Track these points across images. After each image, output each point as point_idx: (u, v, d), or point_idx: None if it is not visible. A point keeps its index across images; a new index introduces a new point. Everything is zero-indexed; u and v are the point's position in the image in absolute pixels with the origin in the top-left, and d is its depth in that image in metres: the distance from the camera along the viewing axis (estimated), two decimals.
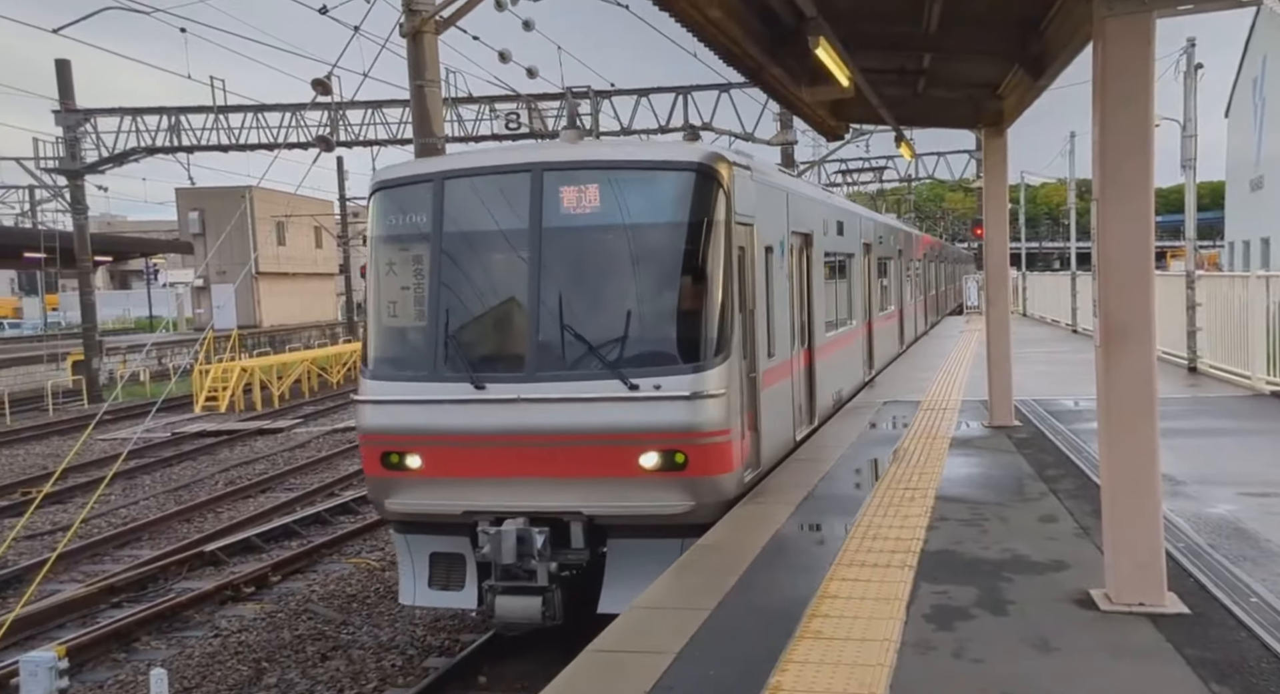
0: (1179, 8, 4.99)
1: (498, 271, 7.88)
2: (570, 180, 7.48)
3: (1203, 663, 4.50)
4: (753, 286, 8.11)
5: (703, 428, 7.14)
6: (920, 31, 8.34)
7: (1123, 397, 5.23)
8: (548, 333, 7.47)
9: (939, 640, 4.91)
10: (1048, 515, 7.32)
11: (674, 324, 7.47)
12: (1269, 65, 30.79)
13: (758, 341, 8.21)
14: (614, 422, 7.16)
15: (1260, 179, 31.55)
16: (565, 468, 7.26)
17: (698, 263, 7.39)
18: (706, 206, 7.42)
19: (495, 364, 7.66)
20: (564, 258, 7.53)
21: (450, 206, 7.74)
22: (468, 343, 7.69)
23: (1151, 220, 5.19)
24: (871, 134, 31.76)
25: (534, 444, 7.29)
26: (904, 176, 44.37)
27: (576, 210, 7.44)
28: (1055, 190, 71.09)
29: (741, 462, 7.66)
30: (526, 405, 7.30)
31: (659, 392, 7.11)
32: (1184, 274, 16.22)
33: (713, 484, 7.28)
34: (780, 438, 9.19)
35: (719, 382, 7.21)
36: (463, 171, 7.88)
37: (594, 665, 4.74)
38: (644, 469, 7.16)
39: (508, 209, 7.63)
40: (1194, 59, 16.56)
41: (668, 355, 7.33)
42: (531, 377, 7.35)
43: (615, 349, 7.32)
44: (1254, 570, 5.84)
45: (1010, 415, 11.51)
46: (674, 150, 8.12)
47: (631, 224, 7.45)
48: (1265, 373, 13.53)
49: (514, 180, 7.63)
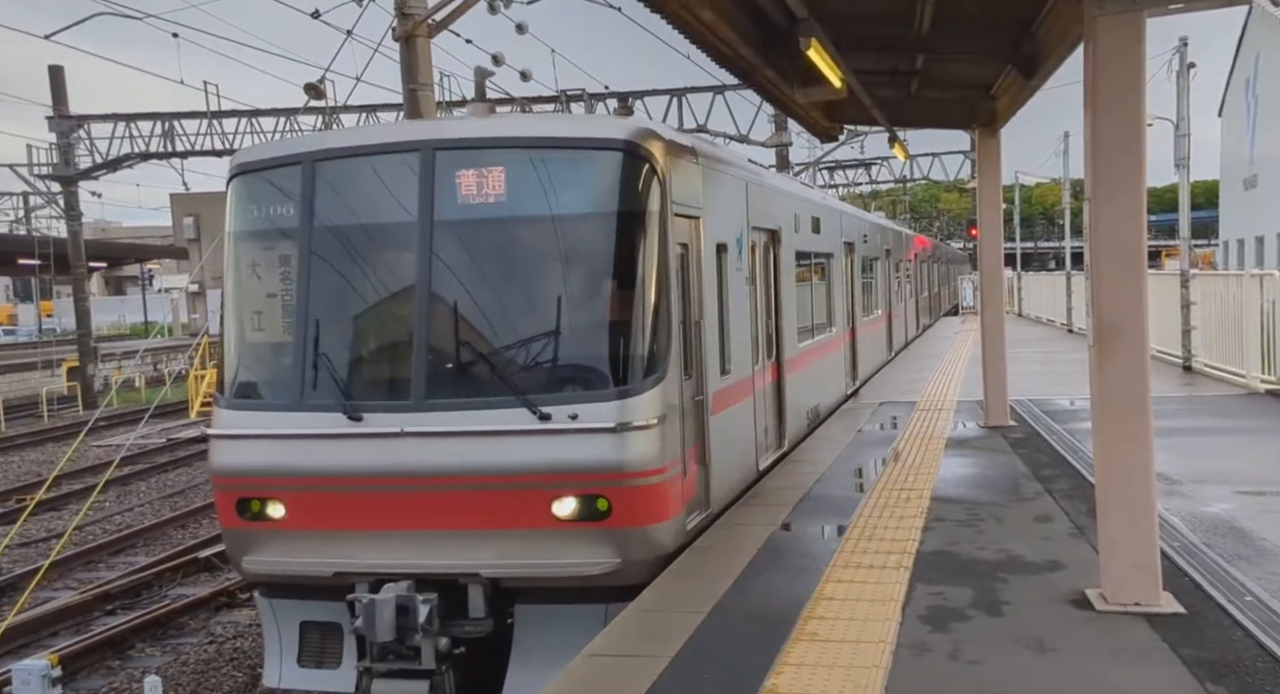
0: (1169, 7, 4.99)
1: (380, 275, 6.53)
2: (469, 162, 6.21)
3: (1198, 663, 4.49)
4: (699, 292, 6.94)
5: (631, 466, 5.90)
6: (912, 32, 8.35)
7: (1116, 396, 5.23)
8: (440, 351, 6.24)
9: (934, 642, 4.89)
10: (1043, 515, 7.32)
11: (595, 339, 6.24)
12: (1262, 64, 30.88)
13: (706, 357, 7.03)
14: (521, 460, 5.93)
15: (1254, 178, 31.64)
16: (461, 518, 6.02)
17: (625, 263, 6.17)
18: (636, 194, 6.18)
19: (375, 390, 6.39)
20: (461, 257, 6.31)
21: (323, 195, 6.45)
22: (341, 363, 6.38)
23: (1143, 219, 5.19)
24: (866, 135, 31.80)
25: (422, 488, 6.03)
26: (899, 177, 44.43)
27: (477, 199, 6.19)
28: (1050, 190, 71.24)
29: (682, 506, 6.42)
30: (413, 441, 6.02)
31: (576, 423, 5.87)
32: (1178, 273, 16.25)
33: (644, 536, 6.00)
34: (738, 470, 7.97)
35: (651, 408, 5.98)
36: (337, 152, 6.51)
37: (589, 670, 4.72)
38: (559, 519, 5.93)
39: (393, 198, 6.35)
40: (1186, 58, 16.60)
41: (588, 378, 6.13)
42: (419, 405, 6.07)
43: (523, 370, 6.15)
44: (1249, 569, 5.84)
45: (1006, 415, 11.51)
46: (597, 125, 6.81)
47: (544, 216, 6.21)
48: (1260, 371, 13.55)
49: (400, 162, 6.34)
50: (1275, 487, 8.12)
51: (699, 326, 6.91)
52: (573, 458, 5.89)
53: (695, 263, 6.95)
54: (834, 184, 39.97)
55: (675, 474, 6.28)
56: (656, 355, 6.13)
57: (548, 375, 6.15)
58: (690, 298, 6.81)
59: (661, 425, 6.05)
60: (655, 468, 6.01)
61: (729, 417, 7.61)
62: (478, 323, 6.29)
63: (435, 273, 6.21)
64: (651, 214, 6.21)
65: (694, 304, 6.87)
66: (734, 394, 7.78)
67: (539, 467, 5.91)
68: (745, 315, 8.29)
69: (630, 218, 6.20)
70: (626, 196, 6.22)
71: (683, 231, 6.71)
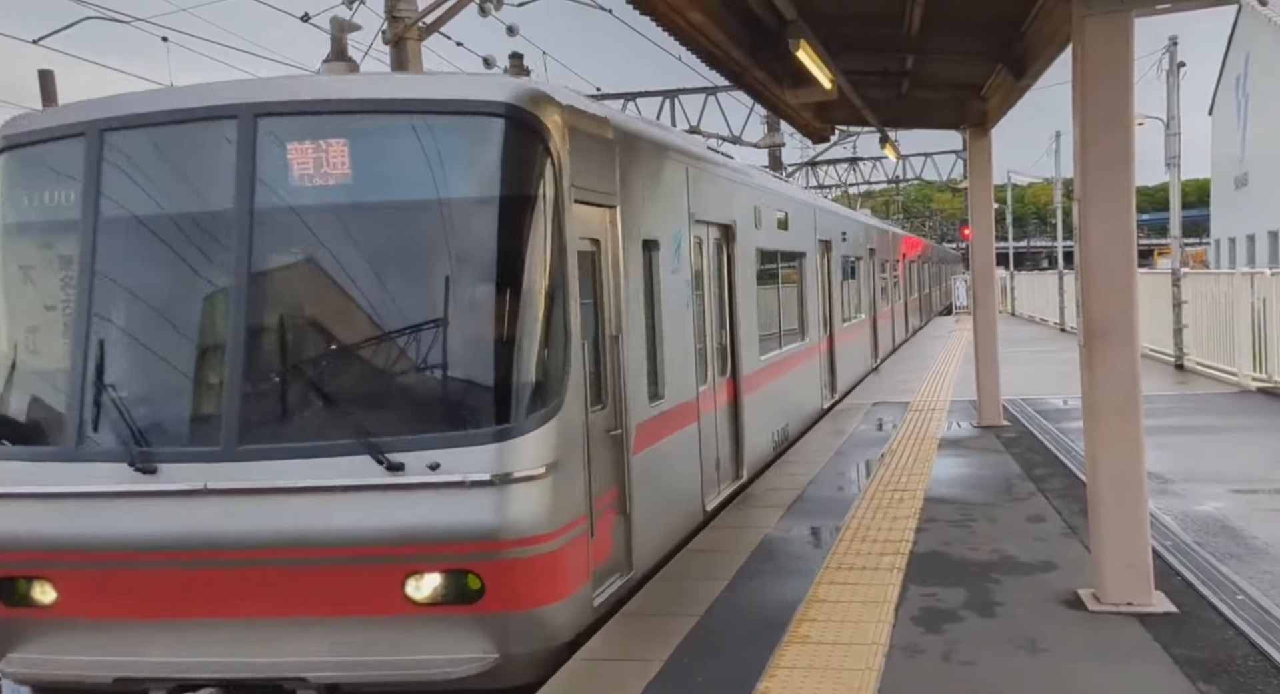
0: (1157, 7, 5.00)
1: (183, 281, 4.96)
2: (302, 132, 4.77)
3: (1190, 662, 4.49)
4: (616, 299, 5.62)
5: (512, 531, 4.46)
6: (902, 33, 8.36)
7: (1107, 395, 5.23)
8: (259, 381, 4.79)
9: (927, 643, 4.89)
10: (1036, 515, 7.32)
11: (465, 363, 4.81)
12: (1252, 63, 31.01)
13: (627, 380, 5.67)
14: (365, 525, 4.49)
15: (1245, 176, 31.77)
16: (285, 602, 4.59)
17: (505, 264, 4.75)
18: (518, 174, 4.77)
19: (173, 432, 4.81)
20: (289, 258, 4.96)
21: (112, 176, 4.93)
22: (130, 397, 4.84)
23: (1133, 218, 5.20)
24: (858, 136, 31.85)
25: (233, 563, 4.56)
26: (892, 178, 44.49)
27: (312, 181, 4.75)
28: (1043, 189, 71.50)
29: (587, 576, 5.00)
30: (221, 500, 4.57)
31: (438, 474, 4.46)
32: (1170, 271, 16.30)
33: (530, 622, 4.60)
34: (674, 515, 6.59)
35: (540, 452, 4.58)
36: (133, 120, 4.98)
37: (581, 674, 4.70)
38: (415, 602, 4.54)
39: (203, 180, 4.89)
40: (1176, 57, 16.66)
41: (455, 414, 4.71)
42: (230, 453, 4.60)
43: (368, 406, 4.75)
44: (1241, 568, 5.85)
45: (999, 415, 11.53)
46: (472, 86, 4.95)
47: (399, 203, 4.78)
48: (1251, 369, 13.59)
49: (213, 133, 4.85)
50: (1267, 485, 8.14)
51: (616, 342, 5.57)
52: (434, 521, 4.45)
53: (610, 263, 5.59)
54: (824, 185, 39.98)
55: (577, 535, 4.85)
56: (548, 382, 4.71)
57: (402, 412, 4.77)
58: (603, 307, 5.50)
59: (555, 474, 4.64)
60: (546, 531, 4.56)
61: (661, 452, 6.31)
62: (310, 344, 4.93)
63: (255, 278, 4.77)
64: (541, 200, 4.77)
65: (609, 314, 5.54)
66: (669, 423, 6.50)
67: (389, 533, 4.46)
68: (686, 326, 7.01)
69: (511, 205, 4.76)
70: (507, 177, 4.76)
71: (590, 223, 5.35)
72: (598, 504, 5.17)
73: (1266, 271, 14.09)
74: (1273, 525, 6.76)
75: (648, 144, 6.58)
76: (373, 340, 4.87)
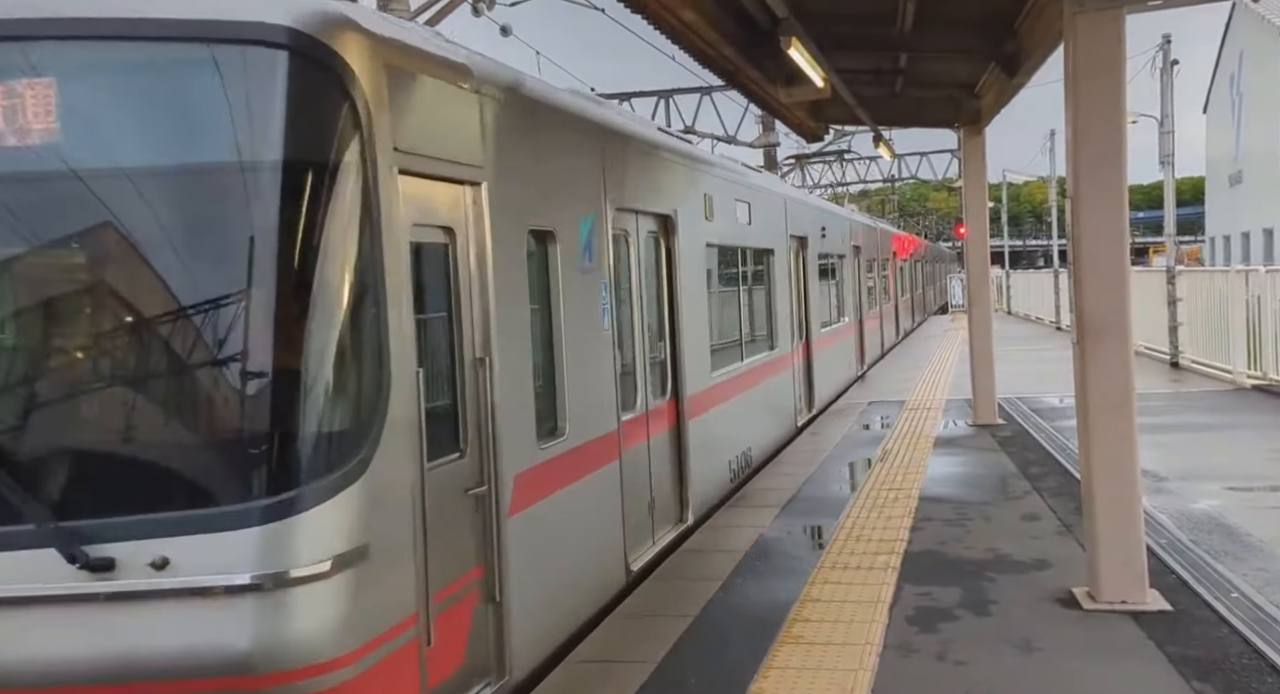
0: (1149, 4, 5.00)
1: None
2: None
3: (1184, 660, 4.48)
4: (484, 309, 4.24)
5: (284, 660, 3.07)
6: (895, 31, 8.36)
7: (1101, 393, 5.22)
8: None
9: (921, 643, 4.87)
10: (1030, 514, 7.31)
11: (214, 406, 3.36)
12: (1246, 60, 31.06)
13: (501, 418, 4.27)
14: (59, 652, 3.07)
15: (1239, 174, 31.84)
16: None
17: (272, 259, 3.26)
18: (301, 129, 3.31)
19: None
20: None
21: None
22: None
23: (1125, 215, 5.19)
24: (853, 135, 31.87)
25: None
26: (887, 177, 44.52)
27: (5, 140, 3.29)
28: (1038, 188, 71.63)
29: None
30: None
31: (166, 576, 3.05)
32: (1165, 269, 16.32)
33: None
34: (579, 588, 5.19)
35: (331, 535, 3.18)
36: None
37: (575, 676, 4.68)
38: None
39: None
40: (1169, 55, 16.68)
41: (194, 483, 3.24)
42: None
43: (68, 472, 3.23)
44: (1235, 565, 5.84)
45: (994, 414, 11.52)
46: (241, 5, 3.41)
47: (130, 170, 3.28)
48: (1246, 367, 13.61)
49: None
50: (1262, 482, 8.14)
51: (482, 367, 4.20)
52: (162, 648, 3.04)
53: (474, 261, 4.22)
54: (819, 184, 39.97)
55: (398, 649, 3.44)
56: (348, 428, 3.30)
57: (116, 480, 3.24)
58: (461, 320, 4.12)
59: (358, 566, 3.22)
60: (340, 654, 3.15)
61: (559, 506, 4.90)
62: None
63: None
64: (336, 168, 3.35)
65: (470, 330, 4.18)
66: (572, 467, 5.13)
67: (95, 667, 3.05)
68: (600, 340, 5.67)
69: (288, 174, 3.29)
70: (280, 133, 3.27)
71: (435, 205, 3.97)
72: (442, 596, 3.75)
73: (1261, 269, 14.11)
74: (1268, 523, 6.76)
75: (539, 106, 5.08)
76: (76, 370, 3.38)
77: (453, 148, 4.11)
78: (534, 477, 4.62)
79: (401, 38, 3.87)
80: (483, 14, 13.73)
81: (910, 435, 10.87)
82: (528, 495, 4.53)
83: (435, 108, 4.02)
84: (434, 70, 4.01)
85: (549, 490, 4.81)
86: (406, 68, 3.78)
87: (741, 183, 9.51)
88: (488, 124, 4.38)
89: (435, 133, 3.98)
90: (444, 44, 4.38)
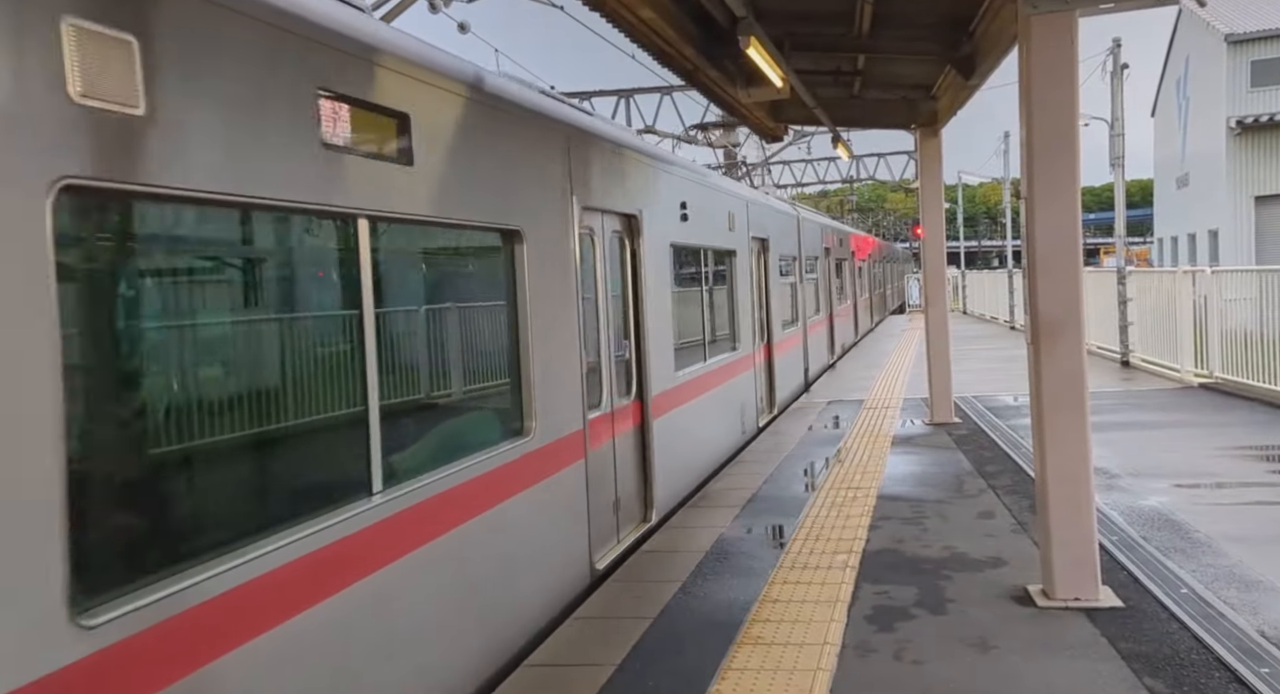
0: (1100, 6, 5.05)
1: None
2: None
3: (1136, 656, 4.53)
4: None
5: None
6: (853, 33, 8.39)
7: (1054, 392, 5.27)
8: None
9: (879, 642, 4.88)
10: (986, 511, 7.38)
11: None
12: (1191, 66, 31.78)
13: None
14: None
15: (1186, 177, 32.56)
16: None
17: None
18: None
19: None
20: None
21: None
22: None
23: (1078, 216, 5.25)
24: (812, 136, 32.07)
25: None
26: (845, 178, 44.92)
27: None
28: (993, 189, 72.73)
29: None
30: None
31: None
32: (1115, 270, 16.63)
33: None
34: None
35: None
36: None
37: (531, 679, 4.62)
38: None
39: None
40: (1120, 59, 16.99)
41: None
42: None
43: None
44: (1184, 562, 5.94)
45: (950, 412, 11.64)
46: None
47: None
48: (1193, 366, 13.91)
49: None
50: (1208, 479, 8.31)
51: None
52: None
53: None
54: (780, 184, 40.17)
55: None
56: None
57: None
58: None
59: None
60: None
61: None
62: None
63: None
64: None
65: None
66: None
67: None
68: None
69: None
70: None
71: None
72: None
73: (1207, 270, 14.43)
74: (1213, 519, 6.89)
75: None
76: None
77: None
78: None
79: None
80: (439, 10, 13.57)
81: (869, 434, 10.95)
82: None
83: None
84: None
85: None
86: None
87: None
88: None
89: None
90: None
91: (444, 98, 4.42)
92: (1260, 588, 5.43)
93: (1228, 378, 13.12)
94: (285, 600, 3.21)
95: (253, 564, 3.07)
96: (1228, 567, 5.82)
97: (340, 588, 3.51)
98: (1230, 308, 13.28)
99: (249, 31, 3.19)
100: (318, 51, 3.53)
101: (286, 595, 3.22)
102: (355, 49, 3.78)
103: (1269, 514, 7.11)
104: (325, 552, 3.42)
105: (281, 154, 3.31)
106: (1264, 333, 12.45)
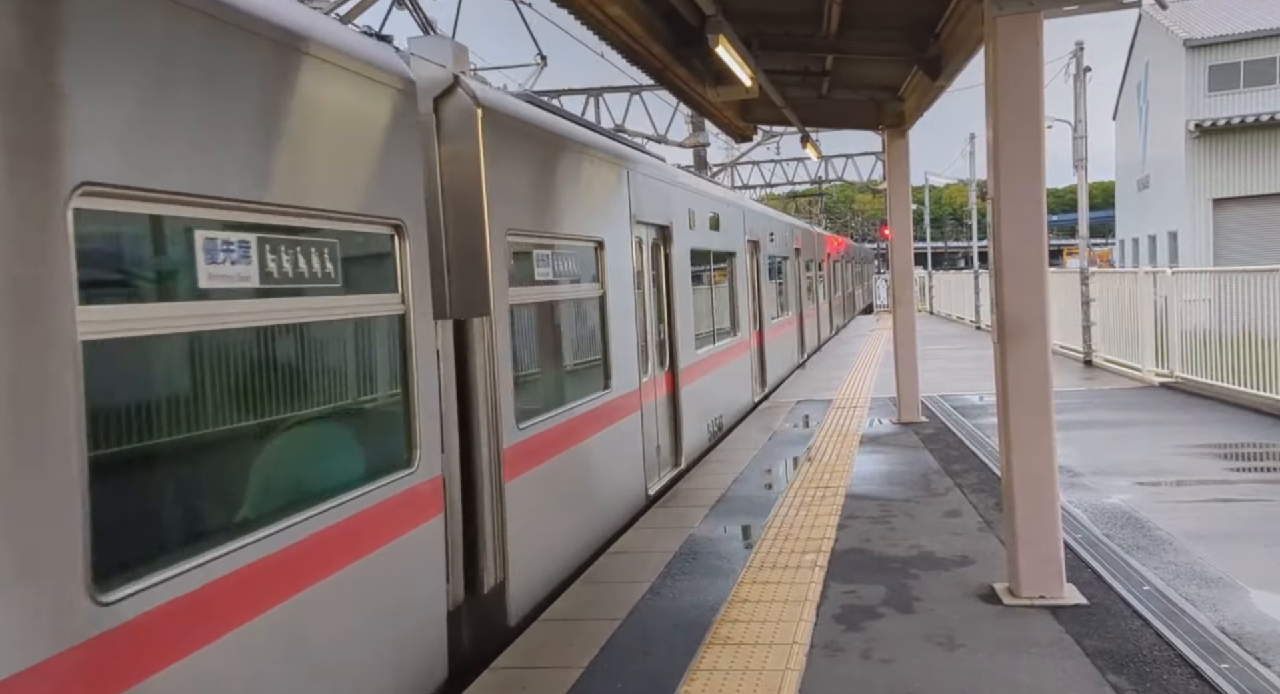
0: (1065, 8, 5.10)
1: None
2: None
3: (1100, 654, 4.57)
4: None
5: None
6: (821, 33, 8.42)
7: (1020, 392, 5.31)
8: None
9: (848, 641, 4.89)
10: (953, 510, 7.43)
11: None
12: (1151, 71, 32.33)
13: None
14: None
15: (1146, 179, 33.11)
16: None
17: None
18: None
19: None
20: None
21: None
22: None
23: (1044, 217, 5.29)
24: (781, 136, 32.20)
25: None
26: (814, 178, 45.18)
27: None
28: (959, 191, 73.56)
29: None
30: None
31: None
32: (1078, 271, 16.85)
33: None
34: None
35: None
36: None
37: (498, 683, 4.56)
38: None
39: None
40: (1083, 62, 17.22)
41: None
42: None
43: None
44: (1147, 559, 6.01)
45: (917, 412, 11.73)
46: None
47: None
48: (1154, 365, 14.13)
49: None
50: (1169, 477, 8.43)
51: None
52: None
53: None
54: (749, 184, 40.30)
55: None
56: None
57: None
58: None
59: None
60: None
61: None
62: None
63: None
64: None
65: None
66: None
67: None
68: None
69: None
70: None
71: None
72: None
73: (1168, 271, 14.67)
74: (1174, 517, 6.99)
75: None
76: None
77: None
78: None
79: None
80: (406, 6, 13.42)
81: (837, 433, 10.99)
82: None
83: None
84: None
85: None
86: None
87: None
88: None
89: None
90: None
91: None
92: (1220, 584, 5.51)
93: (1188, 377, 13.34)
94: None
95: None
96: (1188, 563, 5.90)
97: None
98: (1189, 308, 13.51)
99: None
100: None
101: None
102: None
103: (1228, 511, 7.22)
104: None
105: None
106: (1222, 333, 12.69)
